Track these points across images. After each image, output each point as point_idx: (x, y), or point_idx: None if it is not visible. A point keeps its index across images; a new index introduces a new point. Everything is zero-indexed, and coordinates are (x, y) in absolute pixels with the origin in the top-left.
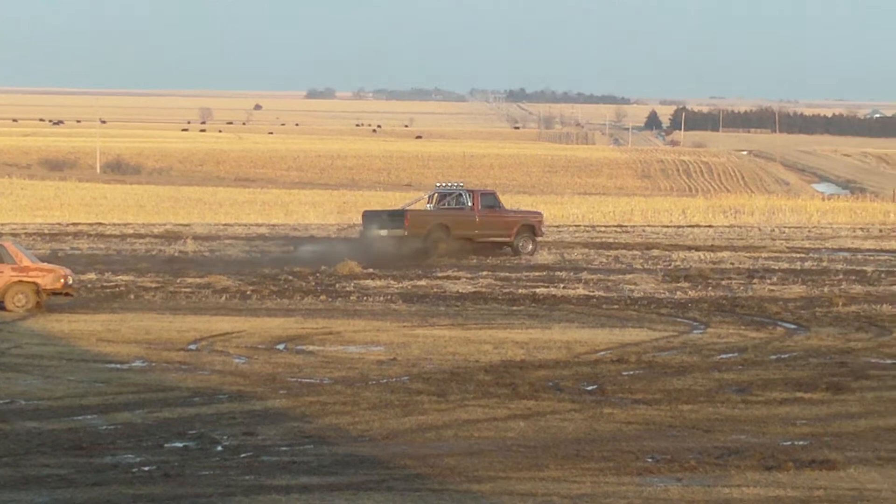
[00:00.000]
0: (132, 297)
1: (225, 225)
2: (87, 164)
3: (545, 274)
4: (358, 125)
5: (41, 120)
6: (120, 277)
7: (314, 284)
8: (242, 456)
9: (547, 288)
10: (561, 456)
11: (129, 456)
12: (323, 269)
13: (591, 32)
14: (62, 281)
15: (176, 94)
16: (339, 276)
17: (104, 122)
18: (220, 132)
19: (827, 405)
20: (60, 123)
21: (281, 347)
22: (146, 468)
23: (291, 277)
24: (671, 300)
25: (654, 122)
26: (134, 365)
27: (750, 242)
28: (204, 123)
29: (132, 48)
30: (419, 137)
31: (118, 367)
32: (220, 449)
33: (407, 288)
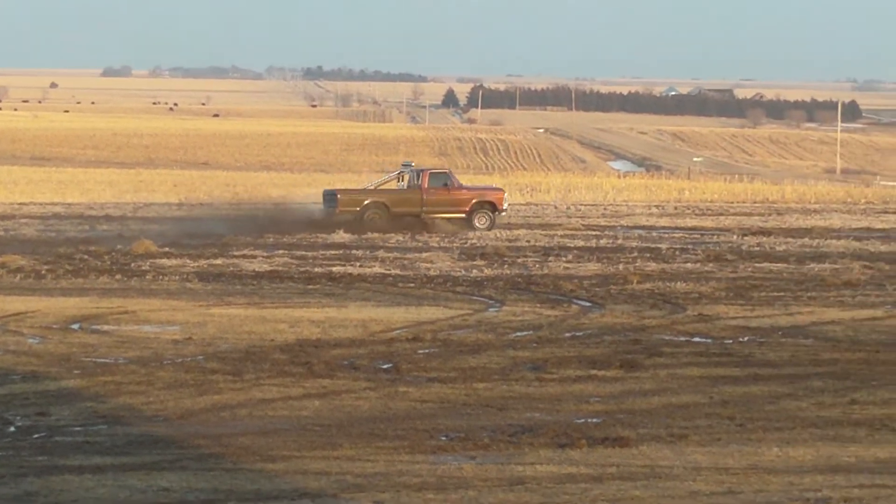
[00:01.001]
0: None
1: (20, 204)
2: None
3: (341, 252)
4: (155, 103)
5: None
6: None
7: (110, 264)
8: (35, 437)
9: (343, 266)
10: (355, 435)
11: None
12: (118, 248)
13: (388, 10)
14: None
15: None
16: (134, 255)
17: None
18: (15, 110)
19: (620, 382)
20: None
21: (76, 327)
22: None
23: (87, 257)
24: (467, 278)
25: (451, 99)
26: None
27: (546, 220)
28: None
29: None
30: (216, 116)
31: None
32: (12, 430)
33: (203, 267)
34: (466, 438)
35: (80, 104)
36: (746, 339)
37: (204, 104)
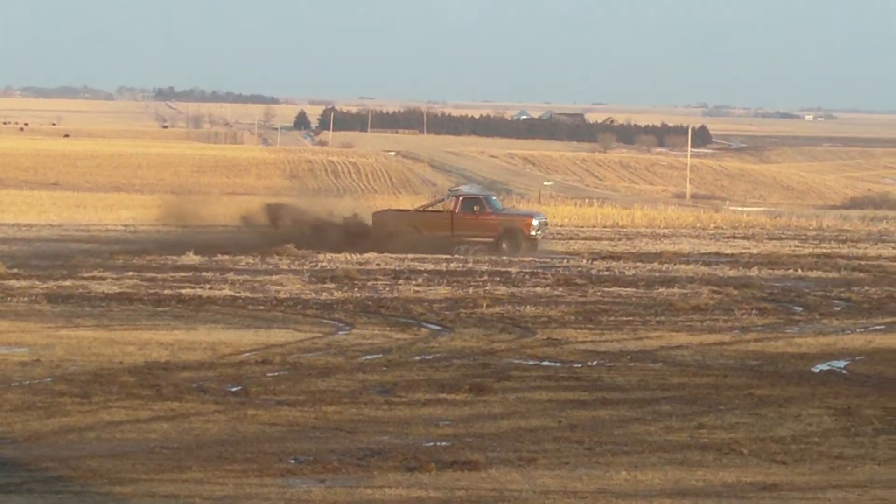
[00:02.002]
0: None
1: None
2: None
3: (191, 274)
4: (5, 123)
5: None
6: None
7: None
8: None
9: (193, 289)
10: (204, 458)
11: None
12: None
13: (238, 32)
14: None
15: None
16: None
17: None
18: None
19: (469, 406)
20: None
21: None
22: None
23: None
24: (317, 301)
25: (302, 121)
26: None
27: None
28: None
29: None
30: (67, 136)
31: None
32: None
33: (52, 288)
34: (316, 462)
35: None
36: (595, 363)
37: (55, 124)
